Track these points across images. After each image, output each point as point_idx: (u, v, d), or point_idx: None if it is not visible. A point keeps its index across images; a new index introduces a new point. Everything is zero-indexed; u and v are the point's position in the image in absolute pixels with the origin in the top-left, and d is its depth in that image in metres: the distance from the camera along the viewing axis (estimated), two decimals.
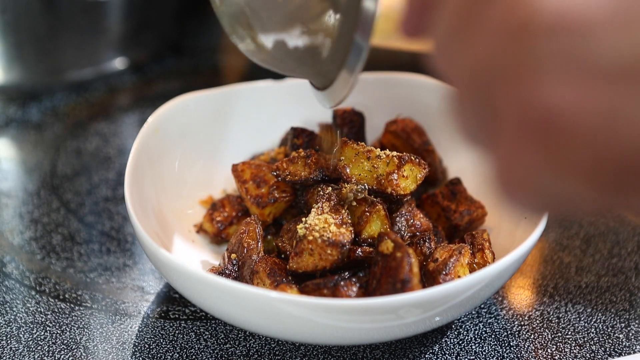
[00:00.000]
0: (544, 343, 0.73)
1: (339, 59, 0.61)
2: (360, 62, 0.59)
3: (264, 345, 0.72)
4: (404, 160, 0.71)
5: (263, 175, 0.78)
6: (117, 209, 0.91)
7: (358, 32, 0.57)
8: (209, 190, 0.86)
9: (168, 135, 0.84)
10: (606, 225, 0.88)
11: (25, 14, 1.06)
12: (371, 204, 0.71)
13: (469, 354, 0.71)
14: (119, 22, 1.13)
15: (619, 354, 0.71)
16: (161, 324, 0.75)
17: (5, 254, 0.84)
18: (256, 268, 0.70)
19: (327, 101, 0.66)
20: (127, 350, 0.72)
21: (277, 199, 0.76)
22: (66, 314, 0.76)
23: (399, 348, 0.72)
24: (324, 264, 0.67)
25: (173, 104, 0.85)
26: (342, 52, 0.60)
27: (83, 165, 0.99)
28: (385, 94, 0.90)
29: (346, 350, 0.71)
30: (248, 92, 0.89)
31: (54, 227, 0.88)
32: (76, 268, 0.82)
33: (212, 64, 1.24)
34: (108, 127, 1.07)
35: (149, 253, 0.68)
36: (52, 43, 1.09)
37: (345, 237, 0.67)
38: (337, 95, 0.64)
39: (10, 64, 1.10)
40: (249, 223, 0.74)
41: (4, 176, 0.98)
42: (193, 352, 0.71)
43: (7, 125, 1.07)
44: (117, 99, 1.14)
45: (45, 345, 0.72)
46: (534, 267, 0.82)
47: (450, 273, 0.68)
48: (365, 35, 0.57)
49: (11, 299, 0.78)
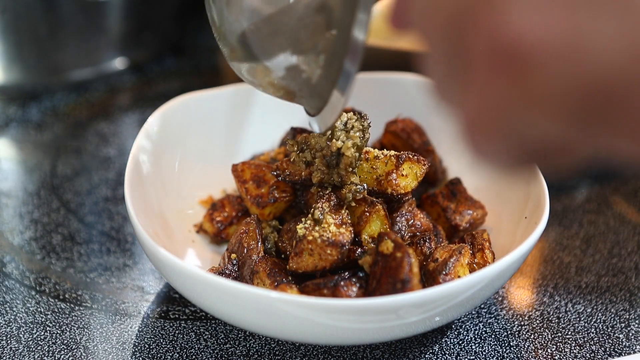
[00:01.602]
0: (544, 343, 0.73)
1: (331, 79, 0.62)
2: (348, 89, 0.60)
3: (264, 345, 0.72)
4: (402, 159, 0.71)
5: (263, 175, 0.78)
6: (117, 209, 0.91)
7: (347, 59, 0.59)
8: (209, 190, 0.86)
9: (168, 135, 0.84)
10: (606, 225, 0.88)
11: (25, 14, 1.06)
12: (371, 204, 0.71)
13: (469, 354, 0.71)
14: (119, 22, 1.13)
15: (619, 354, 0.71)
16: (161, 324, 0.75)
17: (5, 254, 0.84)
18: (256, 268, 0.70)
19: (320, 125, 0.68)
20: (127, 350, 0.72)
21: (277, 199, 0.76)
22: (66, 314, 0.76)
23: (399, 348, 0.72)
24: (323, 264, 0.67)
25: (173, 104, 0.85)
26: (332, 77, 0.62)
27: (83, 165, 0.99)
28: (385, 94, 0.90)
29: (346, 350, 0.71)
30: (248, 92, 0.89)
31: (54, 227, 0.88)
32: (76, 268, 0.82)
33: (212, 64, 1.24)
34: (108, 127, 1.07)
35: (149, 253, 0.68)
36: (52, 43, 1.09)
37: (345, 237, 0.67)
38: (328, 119, 0.65)
39: (10, 64, 1.10)
40: (249, 223, 0.74)
41: (4, 176, 0.98)
42: (193, 352, 0.71)
43: (7, 125, 1.07)
44: (117, 99, 1.14)
45: (45, 345, 0.72)
46: (534, 267, 0.82)
47: (450, 273, 0.68)
48: (354, 62, 0.59)
49: (11, 299, 0.78)
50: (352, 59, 0.58)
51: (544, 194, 0.72)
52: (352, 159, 0.69)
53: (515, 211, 0.77)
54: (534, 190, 0.74)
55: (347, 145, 0.69)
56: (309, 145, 0.71)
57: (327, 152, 0.70)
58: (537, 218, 0.70)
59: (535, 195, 0.73)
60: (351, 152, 0.69)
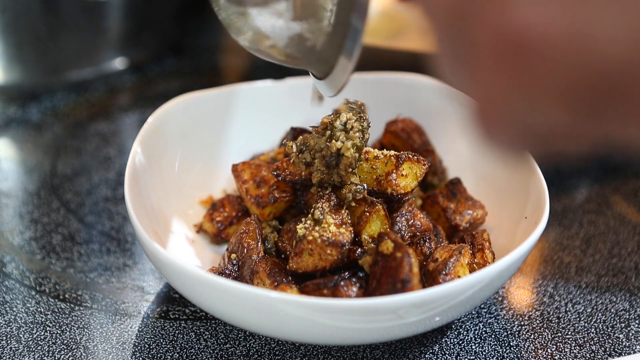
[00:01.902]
0: (544, 343, 0.73)
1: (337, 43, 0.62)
2: (357, 45, 0.60)
3: (264, 345, 0.72)
4: (402, 159, 0.71)
5: (263, 175, 0.78)
6: (117, 209, 0.91)
7: (354, 15, 0.58)
8: (209, 190, 0.86)
9: (168, 135, 0.84)
10: (606, 225, 0.88)
11: (25, 14, 1.06)
12: (371, 204, 0.71)
13: (469, 354, 0.71)
14: (119, 22, 1.13)
15: (619, 354, 0.71)
16: (161, 324, 0.75)
17: (5, 254, 0.84)
18: (256, 268, 0.70)
19: (328, 89, 0.67)
20: (127, 350, 0.72)
21: (277, 199, 0.76)
22: (66, 314, 0.76)
23: (399, 348, 0.72)
24: (323, 264, 0.67)
25: (173, 104, 0.85)
26: (339, 36, 0.61)
27: (83, 165, 0.99)
28: (385, 94, 0.90)
29: (346, 350, 0.71)
30: (248, 92, 0.89)
31: (54, 227, 0.88)
32: (76, 268, 0.82)
33: (212, 64, 1.24)
34: (108, 127, 1.07)
35: (149, 253, 0.68)
36: (52, 43, 1.09)
37: (345, 237, 0.67)
38: (337, 82, 0.64)
39: (10, 64, 1.10)
40: (249, 223, 0.74)
41: (4, 176, 0.98)
42: (193, 352, 0.71)
43: (7, 125, 1.07)
44: (117, 99, 1.14)
45: (45, 345, 0.72)
46: (534, 267, 0.82)
47: (450, 273, 0.68)
48: (361, 18, 0.58)
49: (11, 299, 0.78)
50: (359, 16, 0.58)
51: (544, 194, 0.72)
52: (351, 159, 0.69)
53: (515, 211, 0.77)
54: (534, 190, 0.74)
55: (346, 146, 0.69)
56: (308, 146, 0.71)
57: (327, 152, 0.70)
58: (537, 218, 0.70)
59: (535, 195, 0.73)
60: (351, 153, 0.69)
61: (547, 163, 0.83)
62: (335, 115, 0.71)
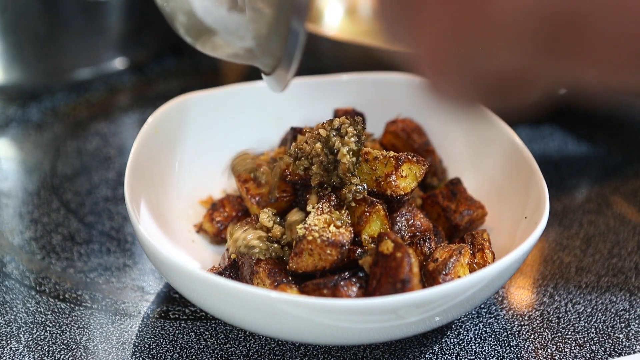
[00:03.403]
0: (544, 343, 0.73)
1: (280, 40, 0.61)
2: (298, 47, 0.59)
3: (264, 345, 0.72)
4: (401, 161, 0.71)
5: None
6: (117, 209, 0.91)
7: (294, 19, 0.58)
8: (209, 190, 0.86)
9: (168, 135, 0.84)
10: (606, 225, 0.88)
11: (25, 14, 1.06)
12: (371, 204, 0.71)
13: (469, 354, 0.71)
14: (119, 22, 1.13)
15: (619, 354, 0.71)
16: (161, 324, 0.75)
17: (5, 254, 0.84)
18: (256, 268, 0.70)
19: (276, 85, 0.67)
20: (127, 350, 0.72)
21: (277, 199, 0.76)
22: (66, 314, 0.76)
23: (399, 348, 0.72)
24: (323, 264, 0.67)
25: (173, 104, 0.85)
26: (281, 36, 0.61)
27: (83, 165, 0.99)
28: (385, 94, 0.90)
29: (346, 350, 0.71)
30: (248, 92, 0.89)
31: (54, 227, 0.88)
32: (76, 268, 0.82)
33: (212, 64, 1.23)
34: (108, 127, 1.07)
35: (149, 253, 0.68)
36: (52, 43, 1.09)
37: (344, 237, 0.67)
38: (282, 79, 0.64)
39: (10, 64, 1.10)
40: (249, 223, 0.73)
41: (4, 176, 0.98)
42: (193, 352, 0.71)
43: (7, 125, 1.07)
44: (117, 99, 1.14)
45: (45, 345, 0.72)
46: (534, 267, 0.82)
47: (450, 273, 0.68)
48: (301, 20, 0.58)
49: (11, 299, 0.78)
50: (299, 18, 0.57)
51: (544, 194, 0.72)
52: (349, 164, 0.69)
53: (515, 211, 0.77)
54: (534, 190, 0.74)
55: (342, 152, 0.69)
56: (303, 152, 0.71)
57: (324, 158, 0.70)
58: (537, 218, 0.70)
59: (535, 195, 0.73)
60: (347, 159, 0.69)
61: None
62: (328, 121, 0.71)
